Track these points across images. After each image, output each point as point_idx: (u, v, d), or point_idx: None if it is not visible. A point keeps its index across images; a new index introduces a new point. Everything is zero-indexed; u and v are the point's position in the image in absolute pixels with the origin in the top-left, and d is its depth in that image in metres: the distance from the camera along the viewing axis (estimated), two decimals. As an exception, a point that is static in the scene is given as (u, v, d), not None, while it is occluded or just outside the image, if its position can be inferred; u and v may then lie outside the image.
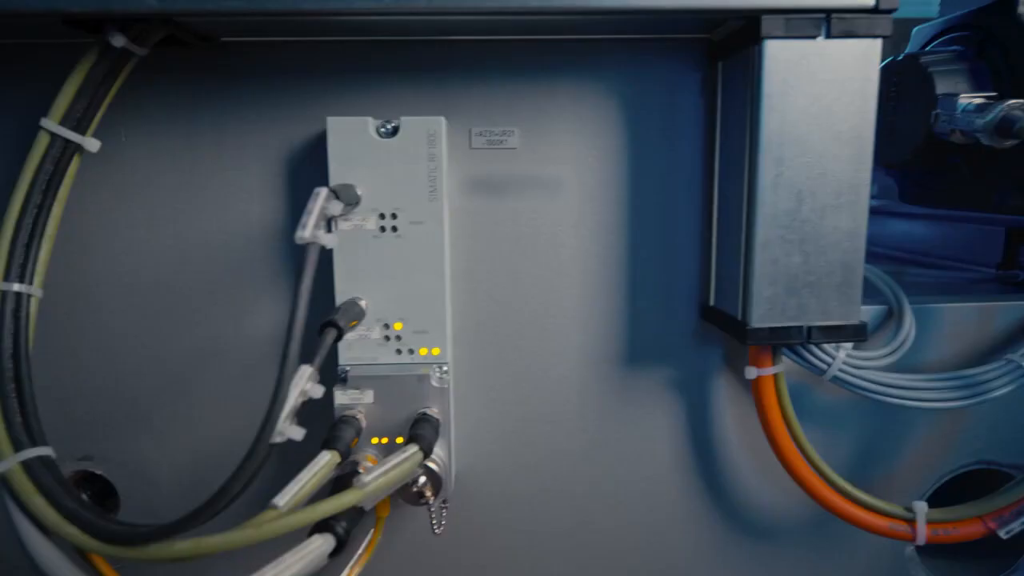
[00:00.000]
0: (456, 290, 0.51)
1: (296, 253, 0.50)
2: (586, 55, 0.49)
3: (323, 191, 0.38)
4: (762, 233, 0.43)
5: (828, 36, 0.41)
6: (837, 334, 0.44)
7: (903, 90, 0.51)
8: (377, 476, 0.36)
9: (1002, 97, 0.47)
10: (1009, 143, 0.43)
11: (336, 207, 0.38)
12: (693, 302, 0.52)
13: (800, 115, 0.41)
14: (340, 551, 0.36)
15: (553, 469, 0.54)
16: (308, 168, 0.49)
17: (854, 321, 0.44)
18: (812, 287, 0.43)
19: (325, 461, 0.37)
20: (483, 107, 0.49)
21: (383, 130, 0.45)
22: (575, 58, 0.49)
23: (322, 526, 0.35)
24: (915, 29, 0.55)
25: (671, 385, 0.53)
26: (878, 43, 0.41)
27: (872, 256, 0.48)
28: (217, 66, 0.48)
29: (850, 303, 0.44)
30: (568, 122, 0.50)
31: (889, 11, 0.40)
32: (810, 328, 0.44)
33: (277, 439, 0.33)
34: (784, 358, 0.48)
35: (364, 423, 0.45)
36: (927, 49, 0.52)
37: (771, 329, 0.44)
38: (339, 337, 0.40)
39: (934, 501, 0.52)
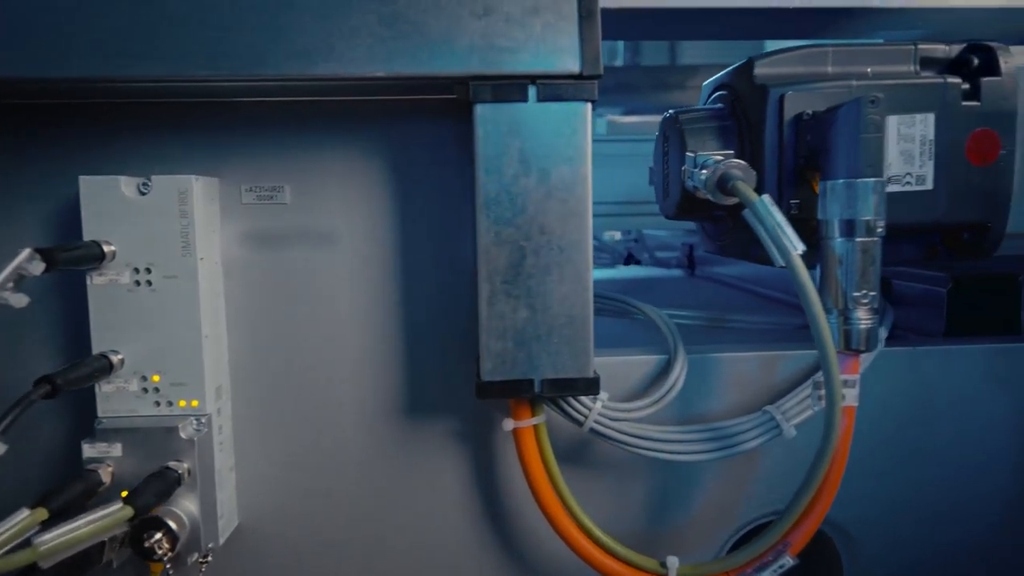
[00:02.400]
0: (235, 342, 0.52)
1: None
2: (351, 114, 0.50)
3: (25, 252, 0.39)
4: (487, 288, 0.44)
5: (538, 100, 0.42)
6: (569, 387, 0.45)
7: (670, 146, 0.53)
8: (59, 535, 0.36)
9: (743, 154, 0.49)
10: (731, 200, 0.44)
11: (38, 267, 0.39)
12: (472, 353, 0.53)
13: (516, 175, 0.43)
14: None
15: (338, 520, 0.54)
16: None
17: (587, 374, 0.44)
18: (541, 341, 0.44)
19: (20, 518, 0.38)
20: (255, 165, 0.51)
21: (142, 188, 0.47)
22: (341, 117, 0.50)
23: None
24: (704, 84, 0.57)
25: (454, 435, 0.54)
26: (587, 106, 0.43)
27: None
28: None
29: (581, 356, 0.44)
30: (338, 178, 0.51)
31: (594, 77, 0.42)
32: (542, 382, 0.44)
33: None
34: (547, 409, 0.49)
35: (109, 478, 0.46)
36: (699, 106, 0.54)
37: (502, 383, 0.44)
38: (52, 393, 0.41)
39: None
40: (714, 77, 0.54)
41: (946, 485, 0.57)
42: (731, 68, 0.51)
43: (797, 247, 0.40)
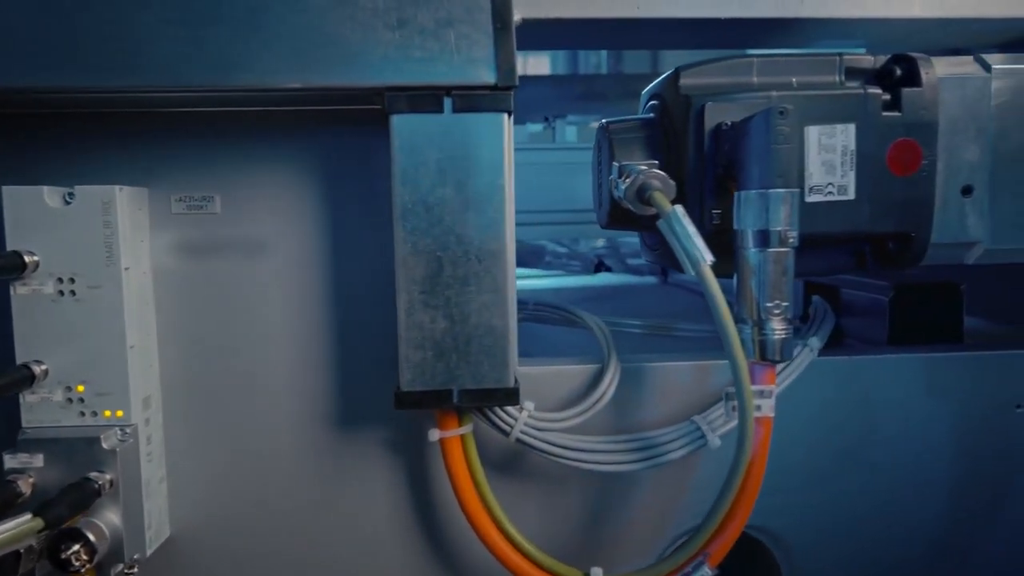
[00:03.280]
0: (167, 352, 0.52)
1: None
2: (280, 125, 0.50)
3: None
4: (405, 298, 0.44)
5: (454, 111, 0.42)
6: (488, 398, 0.44)
7: (603, 155, 0.53)
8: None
9: (668, 165, 0.49)
10: (651, 210, 0.44)
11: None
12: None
13: (433, 185, 0.43)
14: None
15: (271, 530, 0.54)
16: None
17: (507, 384, 0.44)
18: (460, 351, 0.44)
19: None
20: (186, 175, 0.51)
21: (67, 198, 0.47)
22: (270, 128, 0.50)
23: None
24: (643, 92, 0.57)
25: (387, 444, 0.54)
26: (503, 116, 0.43)
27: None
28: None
29: (501, 367, 0.44)
30: (268, 188, 0.51)
31: (509, 88, 0.42)
32: (460, 392, 0.44)
33: None
34: (474, 419, 0.49)
35: (30, 489, 0.45)
36: (629, 116, 0.54)
37: (421, 393, 0.44)
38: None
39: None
40: (650, 86, 0.54)
41: (884, 493, 0.57)
42: (661, 77, 0.51)
43: (706, 258, 0.40)
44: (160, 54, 0.42)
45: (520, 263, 1.31)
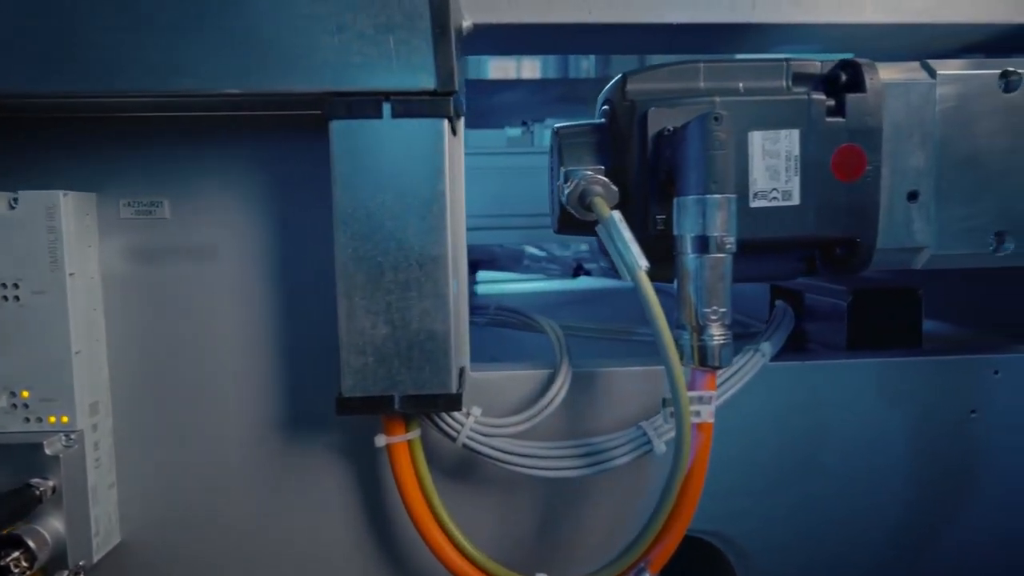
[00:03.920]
0: (116, 357, 0.52)
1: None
2: (229, 129, 0.50)
3: None
4: (345, 304, 0.43)
5: (393, 117, 0.42)
6: (430, 404, 0.44)
7: (555, 160, 0.53)
8: None
9: (615, 170, 0.49)
10: (592, 216, 0.44)
11: None
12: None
13: (373, 191, 0.43)
14: None
15: (222, 536, 0.54)
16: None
17: (449, 390, 0.44)
18: (402, 357, 0.44)
19: None
20: (134, 179, 0.51)
21: (12, 203, 0.47)
22: (219, 132, 0.50)
23: None
24: (599, 96, 0.57)
25: (338, 449, 0.54)
26: (443, 122, 0.43)
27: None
28: None
29: (443, 373, 0.44)
30: (217, 192, 0.51)
31: (448, 94, 0.42)
32: (402, 398, 0.44)
33: None
34: (422, 424, 0.49)
35: (-32, 494, 0.45)
36: (581, 121, 0.53)
37: (362, 399, 0.44)
38: None
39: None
40: (604, 90, 0.54)
41: (839, 499, 0.57)
42: (612, 82, 0.51)
43: (640, 264, 0.40)
44: (96, 59, 0.42)
45: (498, 267, 1.32)
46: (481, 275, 1.35)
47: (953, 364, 0.57)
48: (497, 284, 1.34)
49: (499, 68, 1.46)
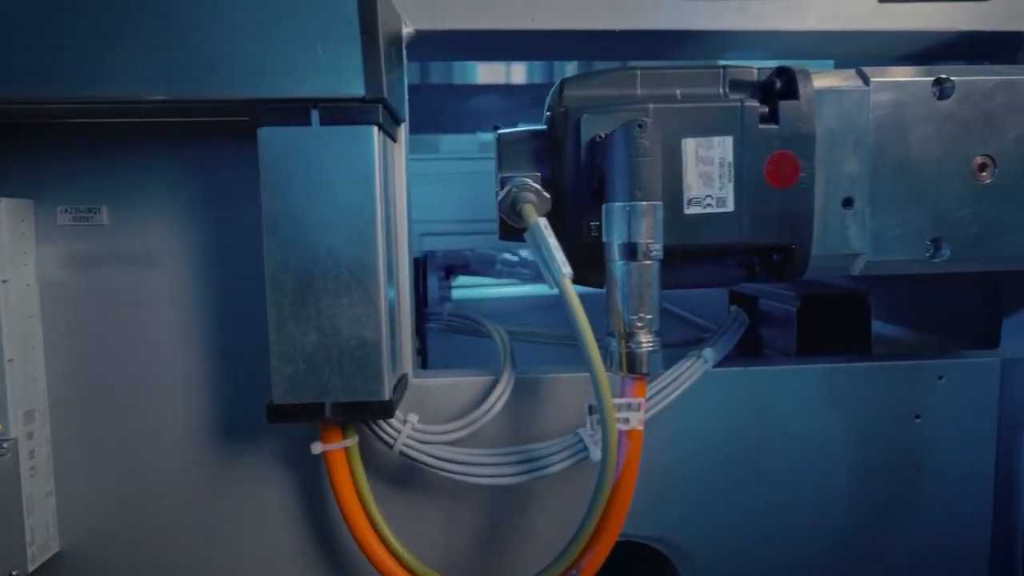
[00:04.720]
0: (54, 365, 0.51)
1: None
2: (166, 135, 0.50)
3: None
4: (275, 311, 0.43)
5: (321, 123, 0.42)
6: (362, 411, 0.44)
7: (498, 168, 0.53)
8: None
9: (553, 177, 0.49)
10: (523, 223, 0.44)
11: None
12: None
13: (302, 198, 0.43)
14: None
15: (163, 545, 0.53)
16: None
17: (381, 397, 0.44)
18: (333, 365, 0.44)
19: None
20: (71, 186, 0.50)
21: (-55, 210, 0.47)
22: (156, 138, 0.50)
23: None
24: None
25: (280, 457, 0.53)
26: (372, 129, 0.43)
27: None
28: None
29: (375, 380, 0.44)
30: (155, 199, 0.51)
31: (377, 101, 0.42)
32: (333, 405, 0.44)
33: None
34: (359, 432, 0.48)
35: (-102, 503, 0.45)
36: (524, 128, 0.53)
37: (293, 406, 0.44)
38: None
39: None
40: (548, 96, 0.54)
41: (783, 504, 0.57)
42: (552, 88, 0.51)
43: (564, 271, 0.40)
44: (20, 64, 0.41)
45: (471, 272, 1.32)
46: (460, 280, 1.35)
47: (897, 370, 0.57)
48: (477, 289, 1.34)
49: (475, 72, 1.46)
